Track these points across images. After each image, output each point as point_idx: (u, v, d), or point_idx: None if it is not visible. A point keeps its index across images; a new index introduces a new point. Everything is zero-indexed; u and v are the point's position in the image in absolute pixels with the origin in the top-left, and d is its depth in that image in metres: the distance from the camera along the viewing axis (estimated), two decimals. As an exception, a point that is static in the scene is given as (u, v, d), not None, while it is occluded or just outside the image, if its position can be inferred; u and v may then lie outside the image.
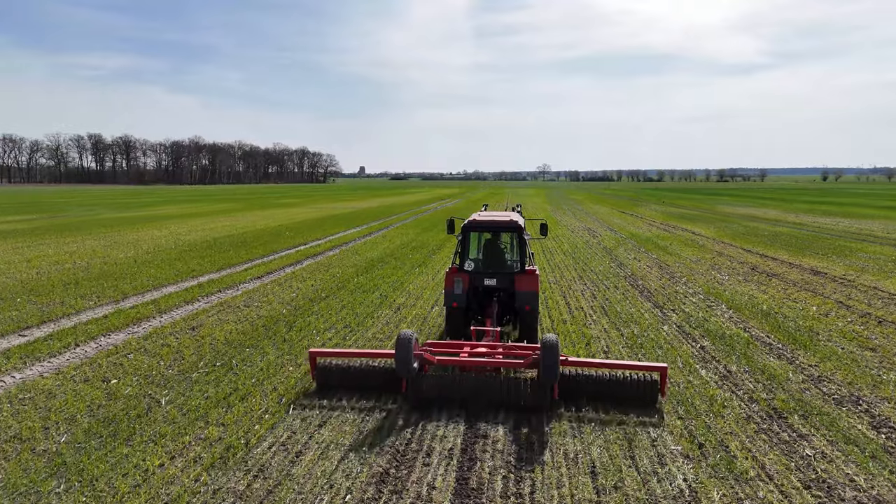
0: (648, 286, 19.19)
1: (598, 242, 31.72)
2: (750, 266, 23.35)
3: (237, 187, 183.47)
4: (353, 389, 9.70)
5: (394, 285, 19.17)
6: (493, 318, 11.48)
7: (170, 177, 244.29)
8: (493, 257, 12.96)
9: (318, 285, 19.13)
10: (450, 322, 11.96)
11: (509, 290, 11.92)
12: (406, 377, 8.96)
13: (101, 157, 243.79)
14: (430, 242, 30.98)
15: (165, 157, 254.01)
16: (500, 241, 13.28)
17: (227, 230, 37.53)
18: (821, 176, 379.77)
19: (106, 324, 14.14)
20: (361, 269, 22.26)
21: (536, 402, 8.89)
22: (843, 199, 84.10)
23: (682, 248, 28.91)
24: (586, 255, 26.38)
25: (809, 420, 8.83)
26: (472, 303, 12.09)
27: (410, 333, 8.71)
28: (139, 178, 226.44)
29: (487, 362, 9.51)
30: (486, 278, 11.99)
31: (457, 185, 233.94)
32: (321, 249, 28.17)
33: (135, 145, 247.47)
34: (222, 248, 28.41)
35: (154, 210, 61.00)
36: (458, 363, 9.56)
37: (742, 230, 38.15)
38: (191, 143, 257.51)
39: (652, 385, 9.17)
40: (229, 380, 10.35)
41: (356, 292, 18.02)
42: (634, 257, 25.84)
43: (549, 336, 8.58)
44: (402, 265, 23.37)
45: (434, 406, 9.20)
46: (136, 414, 8.89)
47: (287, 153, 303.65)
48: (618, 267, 23.13)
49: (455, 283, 11.64)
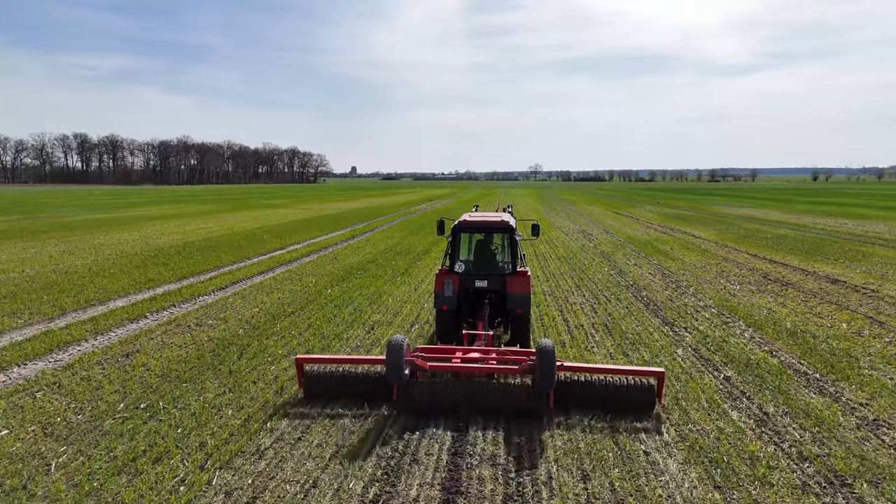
0: (654, 298, 17.28)
1: (594, 246, 29.83)
2: (761, 273, 21.50)
3: (226, 187, 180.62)
4: (342, 396, 9.26)
5: (370, 298, 17.15)
6: (485, 321, 11.25)
7: (157, 177, 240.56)
8: (484, 259, 12.67)
9: (286, 298, 17.09)
10: (440, 325, 11.74)
11: (501, 293, 11.71)
12: (397, 385, 8.75)
13: (86, 157, 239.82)
14: (416, 247, 28.98)
15: (153, 157, 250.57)
16: (491, 242, 12.96)
17: (204, 233, 35.36)
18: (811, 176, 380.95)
19: (26, 349, 12.03)
20: (337, 279, 20.22)
21: (532, 410, 8.64)
22: (841, 200, 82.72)
23: (683, 253, 27.06)
24: (583, 261, 24.46)
25: (883, 489, 6.90)
26: (462, 305, 11.91)
27: (401, 339, 8.50)
28: (126, 179, 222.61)
29: (481, 368, 9.25)
30: (477, 280, 11.81)
31: (448, 185, 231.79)
32: (298, 255, 26.10)
33: (121, 145, 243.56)
34: (192, 253, 26.29)
35: (134, 211, 58.61)
36: (452, 370, 9.32)
37: (743, 232, 36.37)
38: (179, 143, 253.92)
39: (649, 390, 8.88)
40: (149, 430, 8.29)
41: (327, 307, 15.99)
42: (635, 263, 23.94)
43: (545, 341, 8.34)
44: (382, 273, 21.36)
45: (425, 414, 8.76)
46: (10, 488, 6.82)
47: (277, 153, 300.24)
48: (618, 275, 21.22)
49: (445, 284, 11.41)
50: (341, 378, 9.28)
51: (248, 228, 38.53)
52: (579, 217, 51.96)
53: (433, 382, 9.15)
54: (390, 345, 8.37)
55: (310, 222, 43.83)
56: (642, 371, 9.18)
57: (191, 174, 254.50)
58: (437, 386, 8.98)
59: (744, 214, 54.18)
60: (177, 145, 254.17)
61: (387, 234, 35.32)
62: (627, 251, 27.76)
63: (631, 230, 38.72)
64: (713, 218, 49.82)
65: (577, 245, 30.28)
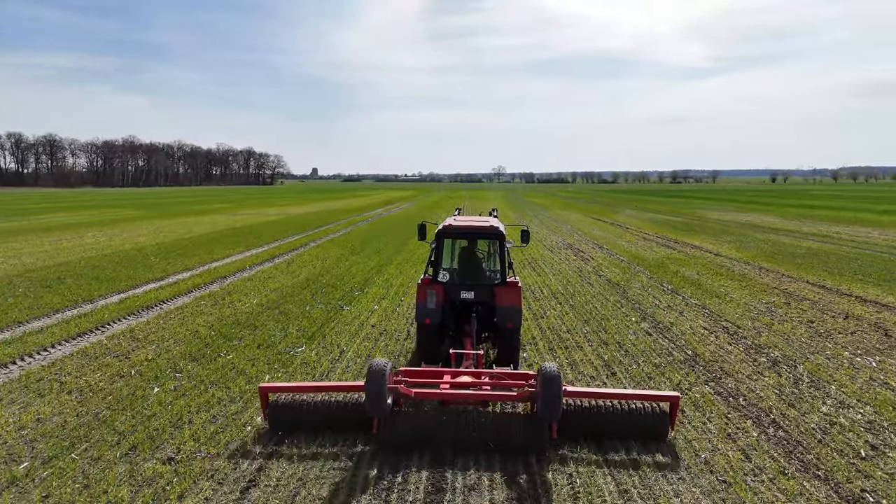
0: (755, 401, 9.59)
1: (594, 271, 22.18)
2: (871, 324, 14.12)
3: (167, 190, 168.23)
4: (312, 429, 8.15)
5: (224, 410, 8.99)
6: (472, 338, 10.26)
7: (100, 179, 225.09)
8: (470, 267, 11.65)
9: (62, 416, 8.78)
10: (422, 341, 10.64)
11: (489, 305, 10.62)
12: (379, 416, 7.66)
13: (22, 158, 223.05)
14: (353, 275, 20.82)
15: (98, 158, 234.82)
16: (477, 249, 11.95)
17: (75, 252, 26.32)
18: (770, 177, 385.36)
19: None
20: (198, 349, 11.96)
21: (532, 443, 7.61)
22: (829, 203, 77.51)
23: (720, 283, 19.64)
24: (592, 303, 16.73)
25: None
26: (446, 318, 10.71)
27: (384, 363, 7.49)
28: (64, 181, 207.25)
29: (473, 395, 8.11)
30: (463, 291, 10.73)
31: (411, 187, 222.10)
32: (172, 294, 17.62)
33: (61, 145, 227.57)
34: (15, 289, 17.60)
35: (34, 218, 48.48)
36: (441, 397, 8.20)
37: (768, 248, 29.24)
38: (125, 143, 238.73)
39: (661, 417, 8.01)
40: None
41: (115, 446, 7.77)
42: (668, 305, 16.32)
43: (549, 365, 7.40)
44: (284, 329, 13.19)
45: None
46: None
47: (232, 153, 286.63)
48: (658, 333, 13.51)
49: (428, 296, 10.36)
50: (311, 408, 8.23)
51: (142, 245, 29.59)
52: (557, 225, 44.46)
53: (418, 412, 8.18)
54: (371, 371, 7.33)
55: (229, 235, 35.03)
56: (655, 395, 8.38)
57: (137, 176, 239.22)
58: (423, 416, 8.01)
59: (739, 220, 47.57)
60: (122, 145, 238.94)
61: (320, 253, 26.99)
62: (643, 281, 20.14)
63: (627, 243, 31.28)
64: (711, 225, 42.96)
65: (570, 269, 22.56)
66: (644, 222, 46.80)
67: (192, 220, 46.97)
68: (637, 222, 46.77)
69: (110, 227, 40.13)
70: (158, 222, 45.14)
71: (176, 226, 42.08)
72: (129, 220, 46.98)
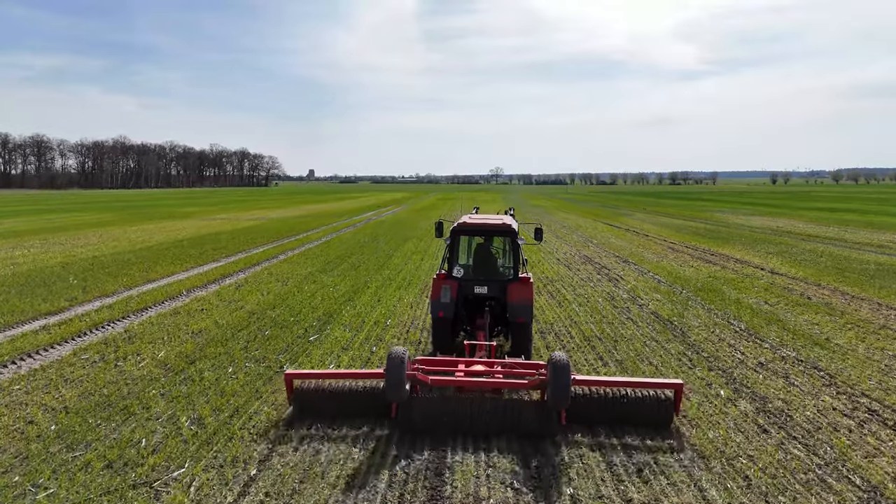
0: None
1: (630, 298, 17.15)
2: None
3: (155, 192, 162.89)
4: (336, 415, 8.34)
5: None
6: (486, 331, 10.57)
7: (88, 180, 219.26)
8: (483, 264, 11.88)
9: None
10: (436, 333, 10.97)
11: (501, 300, 10.84)
12: (398, 402, 7.93)
13: (9, 159, 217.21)
14: (319, 302, 15.72)
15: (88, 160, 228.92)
16: (491, 246, 12.15)
17: None
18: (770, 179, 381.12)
19: None
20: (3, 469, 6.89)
21: (542, 429, 7.85)
22: (849, 206, 72.73)
23: (805, 317, 14.63)
24: (646, 356, 11.68)
25: None
26: (460, 312, 11.00)
27: (402, 351, 7.75)
28: (51, 182, 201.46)
29: (487, 383, 8.41)
30: (477, 286, 10.92)
31: (407, 189, 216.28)
32: (49, 341, 12.52)
33: (49, 145, 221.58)
34: None
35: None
36: (456, 384, 8.63)
37: (828, 263, 24.23)
38: (115, 144, 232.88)
39: (666, 404, 8.14)
40: None
41: None
42: (758, 363, 11.26)
43: (559, 354, 7.55)
44: (174, 421, 8.14)
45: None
46: None
47: (226, 155, 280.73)
48: (773, 423, 8.46)
49: (443, 290, 10.59)
50: (333, 394, 8.48)
51: (75, 258, 24.30)
52: (567, 231, 39.36)
53: (434, 398, 8.50)
54: (391, 358, 7.63)
55: (187, 245, 29.83)
56: (660, 383, 8.46)
57: (127, 177, 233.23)
58: (439, 402, 8.28)
59: (769, 227, 42.59)
60: (112, 146, 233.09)
61: (285, 270, 21.87)
62: (702, 316, 15.05)
63: (655, 256, 26.28)
64: (739, 232, 37.95)
65: (599, 296, 17.51)
66: (662, 228, 41.82)
67: (154, 227, 41.77)
68: (654, 228, 41.79)
69: (56, 236, 34.92)
70: (118, 229, 39.90)
71: (134, 233, 36.88)
72: (86, 227, 41.81)
